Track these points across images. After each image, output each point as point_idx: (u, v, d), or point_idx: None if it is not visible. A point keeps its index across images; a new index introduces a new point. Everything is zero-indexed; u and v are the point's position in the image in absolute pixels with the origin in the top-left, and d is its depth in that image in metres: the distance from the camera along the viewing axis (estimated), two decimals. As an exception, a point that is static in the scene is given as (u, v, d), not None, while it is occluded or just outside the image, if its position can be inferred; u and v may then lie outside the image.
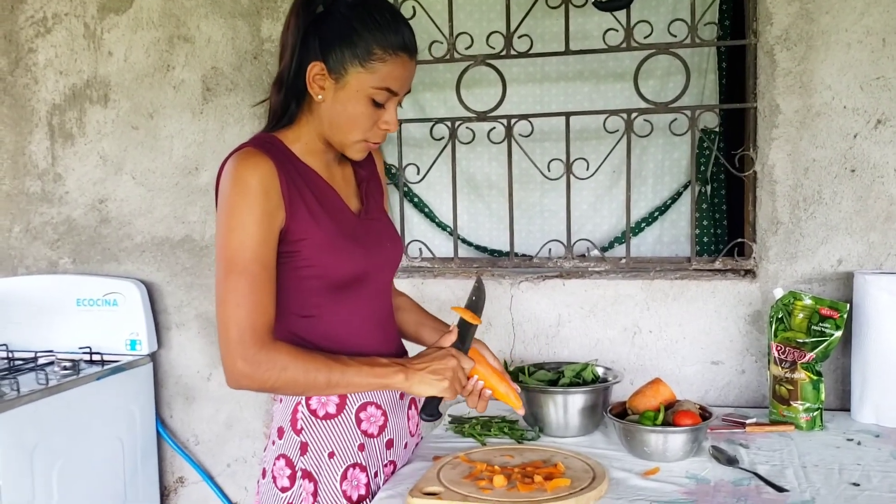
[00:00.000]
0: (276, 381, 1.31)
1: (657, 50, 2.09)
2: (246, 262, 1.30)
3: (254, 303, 1.30)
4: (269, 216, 1.32)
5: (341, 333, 1.43)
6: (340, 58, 1.33)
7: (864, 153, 1.95)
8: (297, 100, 1.40)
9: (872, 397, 1.83)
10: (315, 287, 1.40)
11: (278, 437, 1.44)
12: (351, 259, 1.41)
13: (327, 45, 1.34)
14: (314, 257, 1.37)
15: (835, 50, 1.94)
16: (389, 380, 1.36)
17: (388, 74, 1.35)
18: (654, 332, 2.12)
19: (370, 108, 1.37)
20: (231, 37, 2.35)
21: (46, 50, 2.51)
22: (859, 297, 1.86)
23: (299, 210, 1.35)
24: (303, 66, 1.35)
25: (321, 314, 1.42)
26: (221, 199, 1.33)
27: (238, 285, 1.30)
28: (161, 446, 2.52)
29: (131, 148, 2.47)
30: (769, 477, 1.48)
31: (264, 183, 1.31)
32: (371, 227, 1.49)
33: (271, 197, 1.32)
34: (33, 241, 2.59)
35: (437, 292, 2.24)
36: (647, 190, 2.42)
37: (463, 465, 1.53)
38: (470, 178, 2.54)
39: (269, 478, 1.45)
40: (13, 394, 2.01)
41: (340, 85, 1.35)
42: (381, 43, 1.33)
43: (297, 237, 1.36)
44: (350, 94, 1.35)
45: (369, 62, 1.33)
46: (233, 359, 1.30)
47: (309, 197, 1.38)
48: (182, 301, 2.48)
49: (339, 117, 1.37)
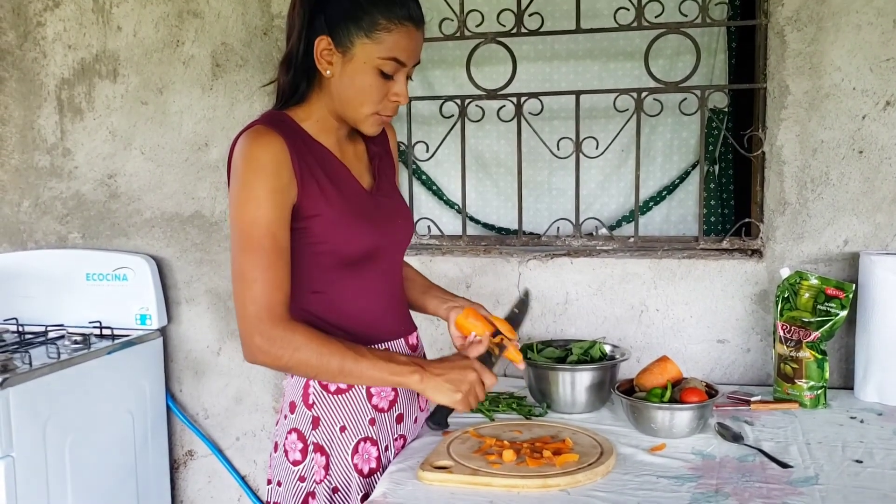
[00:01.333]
0: (289, 360, 1.32)
1: (668, 29, 2.09)
2: (260, 237, 1.31)
3: (269, 278, 1.31)
4: (282, 192, 1.33)
5: (352, 309, 1.45)
6: (346, 30, 1.34)
7: (872, 134, 1.96)
8: (307, 78, 1.41)
9: (876, 376, 1.85)
10: (326, 263, 1.41)
11: (290, 411, 1.47)
12: (362, 235, 1.42)
13: (333, 19, 1.35)
14: (325, 233, 1.39)
15: (845, 31, 1.94)
16: (404, 378, 1.36)
17: (395, 45, 1.35)
18: (661, 311, 2.13)
19: (379, 80, 1.37)
20: (241, 12, 2.34)
21: (55, 24, 2.51)
22: (865, 278, 1.88)
23: (311, 186, 1.36)
24: (311, 43, 1.36)
25: (332, 290, 1.43)
26: (234, 177, 1.34)
27: (253, 261, 1.31)
28: (171, 420, 2.55)
29: (140, 123, 2.47)
30: (773, 453, 1.51)
31: (276, 160, 1.32)
32: (383, 204, 1.50)
33: (283, 173, 1.33)
34: (42, 216, 2.61)
35: (446, 270, 2.26)
36: (656, 169, 2.43)
37: (472, 439, 1.55)
38: (479, 156, 2.55)
39: (280, 451, 1.47)
40: (25, 367, 2.03)
41: (348, 58, 1.36)
42: (385, 13, 1.34)
43: (309, 213, 1.37)
44: (358, 67, 1.36)
45: (375, 33, 1.34)
46: (250, 334, 1.32)
47: (320, 174, 1.38)
48: (192, 276, 2.49)
49: (349, 91, 1.38)
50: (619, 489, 1.36)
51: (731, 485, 1.37)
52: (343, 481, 1.44)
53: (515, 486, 1.35)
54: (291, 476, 1.46)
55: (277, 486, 1.48)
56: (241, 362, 2.48)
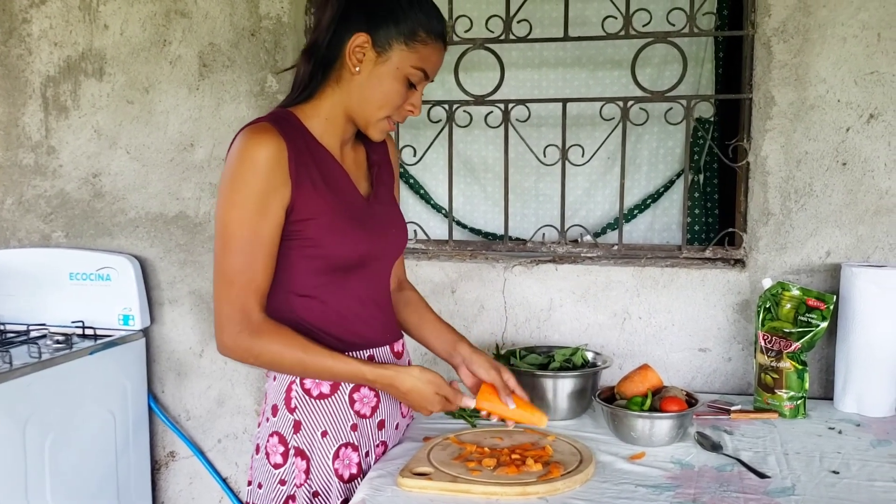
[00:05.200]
0: (255, 360, 1.37)
1: (655, 38, 2.10)
2: (244, 239, 1.32)
3: (247, 280, 1.33)
4: (273, 193, 1.33)
5: (338, 315, 1.45)
6: (388, 33, 1.36)
7: (855, 147, 1.98)
8: (323, 72, 1.41)
9: (855, 387, 1.87)
10: (317, 267, 1.41)
11: (272, 414, 1.47)
12: (354, 242, 1.42)
13: (375, 18, 1.36)
14: (318, 237, 1.38)
15: (831, 43, 1.96)
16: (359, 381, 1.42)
17: (427, 57, 1.39)
18: (644, 319, 2.14)
19: (403, 88, 1.40)
20: (229, 13, 2.34)
21: (41, 21, 2.49)
22: (846, 289, 1.89)
23: (306, 189, 1.36)
24: (341, 37, 1.37)
25: (321, 294, 1.43)
26: (226, 172, 1.34)
27: (235, 261, 1.32)
28: (153, 421, 2.54)
29: (126, 122, 2.46)
30: (752, 463, 1.52)
31: (272, 160, 1.32)
32: (378, 212, 1.50)
33: (276, 175, 1.32)
34: (26, 214, 2.59)
35: (431, 274, 2.26)
36: (641, 177, 2.44)
37: (453, 446, 1.56)
38: (466, 161, 2.55)
39: (262, 454, 1.47)
40: (6, 367, 2.01)
41: (383, 59, 1.37)
42: (425, 26, 1.37)
43: (303, 216, 1.37)
44: (390, 70, 1.37)
45: (413, 42, 1.37)
46: (219, 332, 1.36)
47: (317, 176, 1.38)
48: (175, 277, 2.48)
49: (374, 91, 1.39)
50: (597, 497, 1.36)
51: (709, 494, 1.38)
52: (323, 486, 1.44)
53: (494, 493, 1.35)
54: (272, 479, 1.46)
55: (258, 489, 1.48)
56: (224, 365, 2.47)
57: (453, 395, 1.43)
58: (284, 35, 2.31)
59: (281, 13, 2.30)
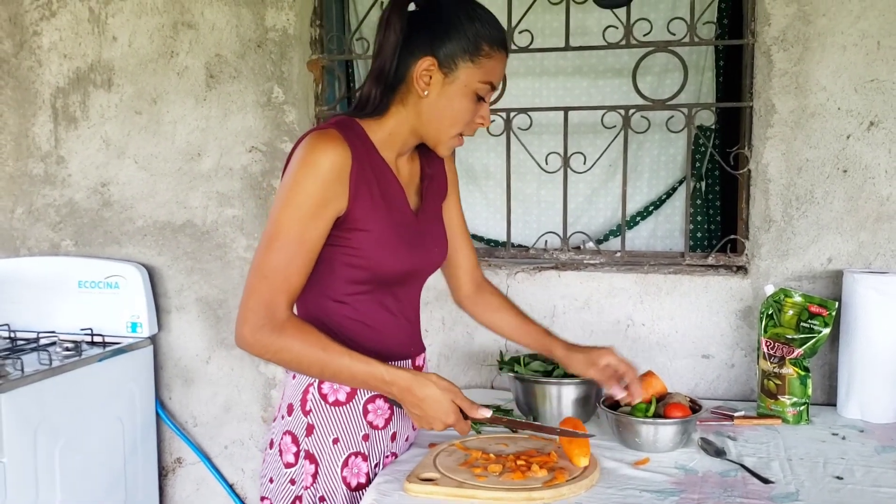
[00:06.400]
0: (274, 356, 1.35)
1: (656, 48, 2.12)
2: (290, 239, 1.32)
3: (282, 279, 1.33)
4: (329, 201, 1.33)
5: (368, 325, 1.46)
6: (452, 52, 1.36)
7: (856, 154, 1.99)
8: (391, 93, 1.42)
9: (858, 393, 1.88)
10: (358, 277, 1.42)
11: (287, 413, 1.48)
12: (400, 259, 1.44)
13: (438, 40, 1.36)
14: (366, 249, 1.40)
15: (830, 52, 1.98)
16: (375, 387, 1.37)
17: (493, 69, 1.39)
18: (647, 325, 2.16)
19: (473, 103, 1.40)
20: (235, 24, 2.37)
21: (51, 33, 2.52)
22: (848, 296, 1.91)
23: (364, 200, 1.37)
24: (406, 61, 1.38)
25: (353, 302, 1.44)
26: (289, 172, 1.35)
27: (275, 258, 1.32)
28: (160, 427, 2.56)
29: (134, 132, 2.49)
30: (755, 469, 1.53)
31: (334, 168, 1.33)
32: (423, 229, 1.51)
33: (337, 183, 1.34)
34: (35, 223, 2.62)
35: (435, 282, 2.25)
36: (643, 184, 2.46)
37: (459, 452, 1.57)
38: (469, 168, 2.57)
39: (276, 449, 1.49)
40: (17, 373, 2.04)
41: (450, 80, 1.37)
42: (487, 39, 1.37)
43: (356, 226, 1.38)
44: (459, 89, 1.38)
45: (478, 57, 1.37)
46: (241, 324, 1.33)
47: (376, 189, 1.40)
48: (182, 285, 2.51)
49: (444, 111, 1.39)
50: (602, 503, 1.38)
51: (713, 499, 1.39)
52: (329, 491, 1.45)
53: (500, 499, 1.37)
54: (283, 477, 1.47)
55: (269, 483, 1.50)
56: (231, 371, 2.49)
57: (469, 405, 1.38)
58: (290, 46, 2.34)
59: (287, 25, 2.33)
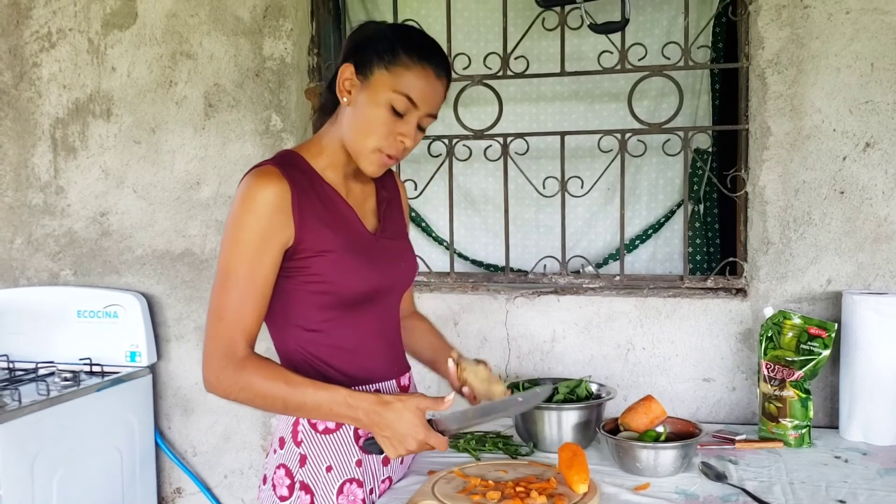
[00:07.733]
0: (237, 397, 1.36)
1: (651, 72, 2.13)
2: (239, 277, 1.34)
3: (237, 319, 1.34)
4: (273, 235, 1.35)
5: (346, 349, 1.46)
6: (368, 57, 1.38)
7: (852, 175, 1.99)
8: (331, 109, 1.47)
9: (860, 415, 1.86)
10: (324, 303, 1.42)
11: (280, 446, 1.48)
12: (362, 277, 1.44)
13: (359, 47, 1.40)
14: (326, 273, 1.40)
15: (824, 74, 1.99)
16: (341, 414, 1.36)
17: (411, 83, 1.37)
18: (648, 349, 2.15)
19: (389, 115, 1.39)
20: (233, 54, 2.39)
21: (50, 64, 2.55)
22: (847, 317, 1.90)
23: (313, 227, 1.38)
24: (335, 75, 1.43)
25: (328, 329, 1.44)
26: (231, 213, 1.37)
27: (228, 299, 1.35)
28: (159, 457, 2.54)
29: (133, 162, 2.50)
30: (757, 493, 1.51)
31: (272, 202, 1.34)
32: (386, 246, 1.51)
33: (278, 215, 1.35)
34: (35, 253, 2.62)
35: (434, 306, 2.27)
36: (641, 208, 2.46)
37: (457, 479, 1.56)
38: (467, 193, 2.58)
39: (269, 484, 1.48)
40: (14, 404, 2.04)
41: (365, 86, 1.39)
42: (406, 48, 1.38)
43: (309, 254, 1.39)
44: (371, 96, 1.38)
45: (394, 66, 1.37)
46: (205, 369, 1.36)
47: (323, 214, 1.40)
48: (181, 314, 2.51)
49: (360, 120, 1.40)
50: (601, 530, 1.36)
51: (714, 526, 1.38)
52: (327, 520, 1.45)
53: (498, 527, 1.36)
54: (279, 510, 1.46)
55: None
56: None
57: (433, 402, 1.36)
58: (288, 75, 2.35)
59: (284, 54, 2.35)
